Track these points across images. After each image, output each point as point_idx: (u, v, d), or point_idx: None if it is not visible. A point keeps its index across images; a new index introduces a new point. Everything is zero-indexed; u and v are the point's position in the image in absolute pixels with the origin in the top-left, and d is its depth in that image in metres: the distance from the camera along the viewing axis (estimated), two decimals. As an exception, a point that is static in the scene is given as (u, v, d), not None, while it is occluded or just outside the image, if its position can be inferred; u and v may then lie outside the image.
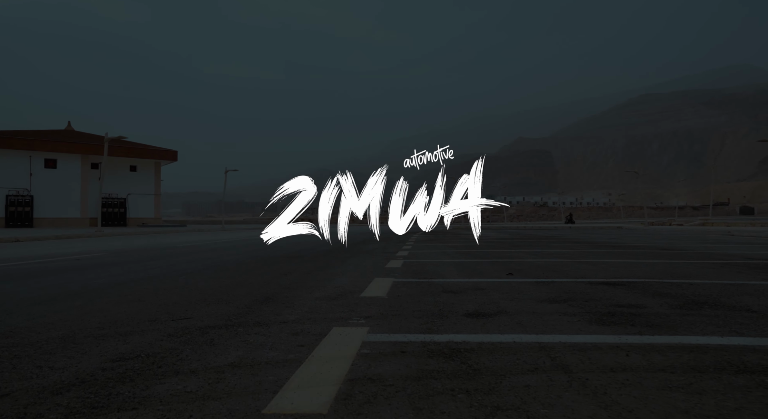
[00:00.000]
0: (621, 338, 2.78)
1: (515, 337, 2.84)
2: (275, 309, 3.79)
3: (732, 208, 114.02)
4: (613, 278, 5.50)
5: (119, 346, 2.73)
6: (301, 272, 6.38)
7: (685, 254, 9.24)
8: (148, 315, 3.57)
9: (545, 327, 3.08)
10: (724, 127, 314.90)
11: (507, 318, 3.41)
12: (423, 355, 2.51)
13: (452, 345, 2.71)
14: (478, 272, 6.27)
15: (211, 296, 4.41)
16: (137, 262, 8.11)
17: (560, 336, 2.86)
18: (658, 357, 2.41)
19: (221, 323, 3.32)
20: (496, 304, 3.95)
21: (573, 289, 4.73)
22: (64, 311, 3.71)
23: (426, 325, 3.21)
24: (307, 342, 2.81)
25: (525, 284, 5.16)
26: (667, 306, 3.76)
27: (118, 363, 2.43)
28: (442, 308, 3.81)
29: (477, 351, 2.56)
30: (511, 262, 7.71)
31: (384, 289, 4.80)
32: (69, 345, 2.76)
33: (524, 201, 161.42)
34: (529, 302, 4.04)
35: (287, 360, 2.46)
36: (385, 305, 3.95)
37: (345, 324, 3.25)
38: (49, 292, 4.70)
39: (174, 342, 2.83)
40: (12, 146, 32.62)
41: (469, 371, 2.24)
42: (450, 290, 4.71)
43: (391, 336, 2.93)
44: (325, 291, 4.71)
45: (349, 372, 2.25)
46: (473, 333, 2.98)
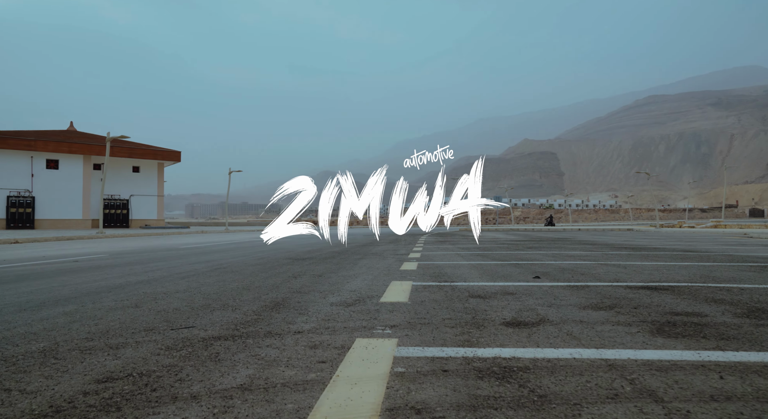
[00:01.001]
0: (701, 355, 2.34)
1: (573, 352, 2.41)
2: (287, 317, 3.38)
3: (741, 210, 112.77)
4: (651, 282, 5.06)
5: (108, 362, 2.32)
6: (311, 274, 5.97)
7: (713, 256, 8.76)
8: (144, 324, 3.16)
9: (603, 340, 2.65)
10: (731, 128, 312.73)
11: (553, 328, 2.98)
12: (470, 375, 2.09)
13: (501, 361, 2.29)
14: (501, 276, 5.84)
15: (215, 302, 4.01)
16: (137, 264, 7.72)
17: (626, 351, 2.43)
18: (761, 380, 1.98)
19: (227, 333, 2.90)
20: (534, 311, 3.52)
21: (613, 294, 4.29)
22: (51, 319, 3.30)
23: (462, 336, 2.79)
24: (328, 357, 2.39)
25: (557, 288, 4.72)
26: (731, 315, 3.32)
27: (105, 384, 2.02)
28: (475, 315, 3.38)
29: (534, 371, 2.14)
30: (533, 264, 7.27)
31: (404, 294, 4.39)
32: (49, 360, 2.36)
33: (530, 203, 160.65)
34: (571, 309, 3.60)
35: (308, 381, 2.04)
36: (410, 312, 3.53)
37: (369, 335, 2.83)
38: (39, 296, 4.31)
39: (173, 356, 2.42)
40: (13, 146, 32.34)
41: (534, 398, 1.82)
42: (478, 295, 4.28)
43: (425, 349, 2.51)
44: (340, 296, 4.30)
45: (385, 398, 1.83)
46: (520, 346, 2.56)
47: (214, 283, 5.22)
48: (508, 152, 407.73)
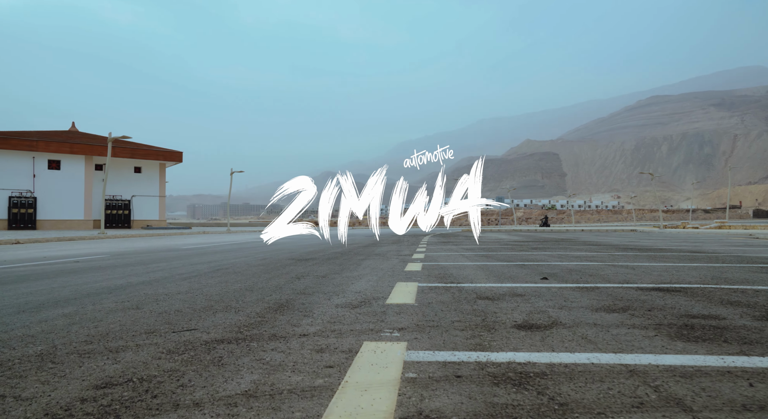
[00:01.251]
0: (725, 360, 2.24)
1: (590, 357, 2.32)
2: (292, 319, 3.29)
3: (745, 211, 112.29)
4: (662, 284, 4.95)
5: (107, 366, 2.23)
6: (314, 275, 5.88)
7: (721, 257, 8.65)
8: (145, 326, 3.07)
9: (620, 344, 2.56)
10: (735, 129, 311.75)
11: (567, 331, 2.88)
12: (485, 381, 2.00)
13: (515, 366, 2.19)
14: (508, 277, 5.74)
15: (218, 303, 3.92)
16: (139, 265, 7.64)
17: (646, 355, 2.33)
18: (793, 387, 1.88)
19: (231, 336, 2.82)
20: (545, 313, 3.42)
21: (624, 296, 4.19)
22: (50, 321, 3.22)
23: (473, 340, 2.70)
24: (335, 361, 2.30)
25: (567, 289, 4.62)
26: (750, 317, 3.22)
27: (103, 390, 1.93)
28: (485, 318, 3.29)
29: (551, 377, 2.04)
30: (540, 265, 7.17)
31: (410, 295, 4.29)
32: (46, 364, 2.27)
33: (531, 204, 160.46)
34: (583, 311, 3.51)
35: (315, 387, 1.95)
36: (418, 314, 3.44)
37: (377, 338, 2.74)
38: (38, 298, 4.22)
39: (174, 360, 2.33)
40: (15, 146, 32.29)
41: (554, 406, 1.72)
42: (486, 297, 4.19)
43: (435, 354, 2.42)
44: (345, 297, 4.21)
45: (398, 406, 1.74)
46: (535, 350, 2.46)
47: (217, 284, 5.13)
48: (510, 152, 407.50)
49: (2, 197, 32.25)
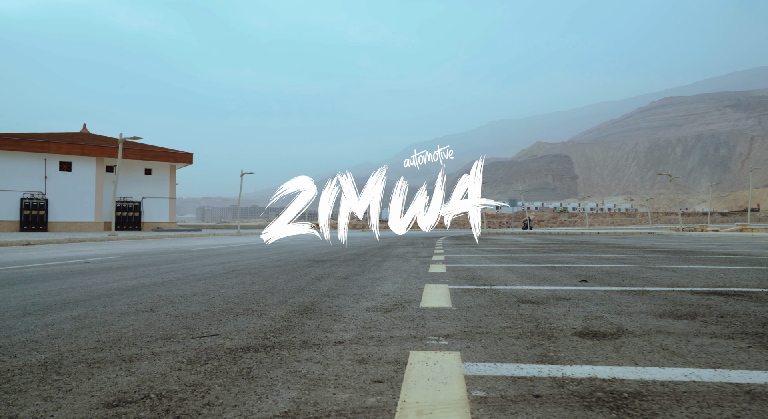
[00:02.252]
0: None
1: (687, 372, 1.96)
2: (321, 324, 2.96)
3: (764, 214, 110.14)
4: (717, 287, 4.55)
5: (120, 379, 1.92)
6: (335, 277, 5.56)
7: (763, 260, 8.18)
8: (161, 331, 2.76)
9: (713, 357, 2.19)
10: (752, 130, 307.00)
11: (639, 340, 2.52)
12: (573, 404, 1.65)
13: (601, 384, 1.84)
14: (543, 279, 5.37)
15: (237, 306, 3.61)
16: (150, 266, 7.38)
17: (756, 372, 1.96)
18: None
19: (257, 343, 2.49)
20: (603, 319, 3.06)
21: (683, 300, 3.80)
22: (56, 325, 2.92)
23: (535, 349, 2.35)
24: (384, 374, 1.96)
25: (614, 293, 4.25)
26: (843, 325, 2.83)
27: (116, 409, 1.61)
28: (538, 324, 2.94)
29: (652, 398, 1.69)
30: (572, 267, 6.78)
31: (445, 298, 3.95)
32: (50, 375, 1.96)
33: (543, 207, 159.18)
34: (644, 317, 3.14)
35: (368, 407, 1.62)
36: (460, 319, 3.09)
37: (423, 347, 2.40)
38: (46, 299, 3.94)
39: (196, 372, 2.01)
40: (27, 148, 32.42)
41: (675, 439, 1.37)
42: (528, 301, 3.83)
43: (498, 366, 2.07)
44: (374, 300, 3.87)
45: (477, 437, 1.40)
46: (613, 363, 2.11)
47: (234, 285, 4.83)
48: (521, 154, 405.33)
49: (14, 198, 32.40)
